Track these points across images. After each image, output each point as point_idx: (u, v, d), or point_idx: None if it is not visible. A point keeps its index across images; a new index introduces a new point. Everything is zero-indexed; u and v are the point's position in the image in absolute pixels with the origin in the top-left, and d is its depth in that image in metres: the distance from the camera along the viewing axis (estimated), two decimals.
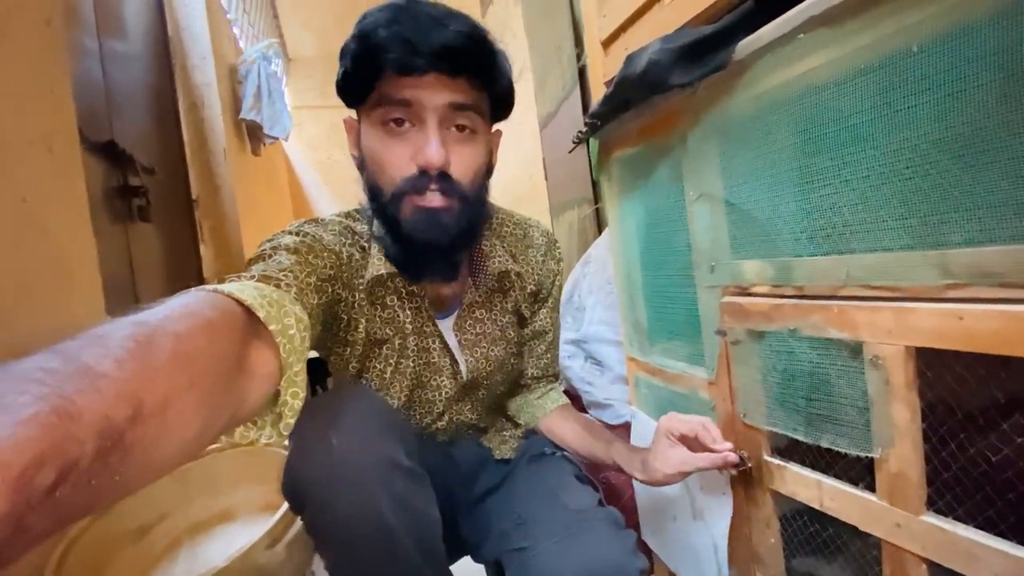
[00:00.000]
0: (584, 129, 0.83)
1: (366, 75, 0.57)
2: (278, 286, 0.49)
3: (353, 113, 0.67)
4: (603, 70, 0.82)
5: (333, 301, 0.61)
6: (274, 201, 3.62)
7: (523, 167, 2.90)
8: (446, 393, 0.73)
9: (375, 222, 0.67)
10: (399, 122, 0.58)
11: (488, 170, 0.67)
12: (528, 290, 0.77)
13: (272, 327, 0.43)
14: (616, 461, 0.70)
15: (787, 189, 0.54)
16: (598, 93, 0.83)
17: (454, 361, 0.72)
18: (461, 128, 0.60)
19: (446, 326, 0.72)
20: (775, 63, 0.52)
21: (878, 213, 0.46)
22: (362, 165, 0.64)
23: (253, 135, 2.73)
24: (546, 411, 0.82)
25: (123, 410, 0.26)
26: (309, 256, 0.57)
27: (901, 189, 0.44)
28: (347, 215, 0.71)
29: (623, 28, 0.76)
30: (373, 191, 0.62)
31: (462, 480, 0.77)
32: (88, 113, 1.40)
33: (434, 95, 0.57)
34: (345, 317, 0.65)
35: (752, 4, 0.53)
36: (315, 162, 4.95)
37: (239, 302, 0.41)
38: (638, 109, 0.72)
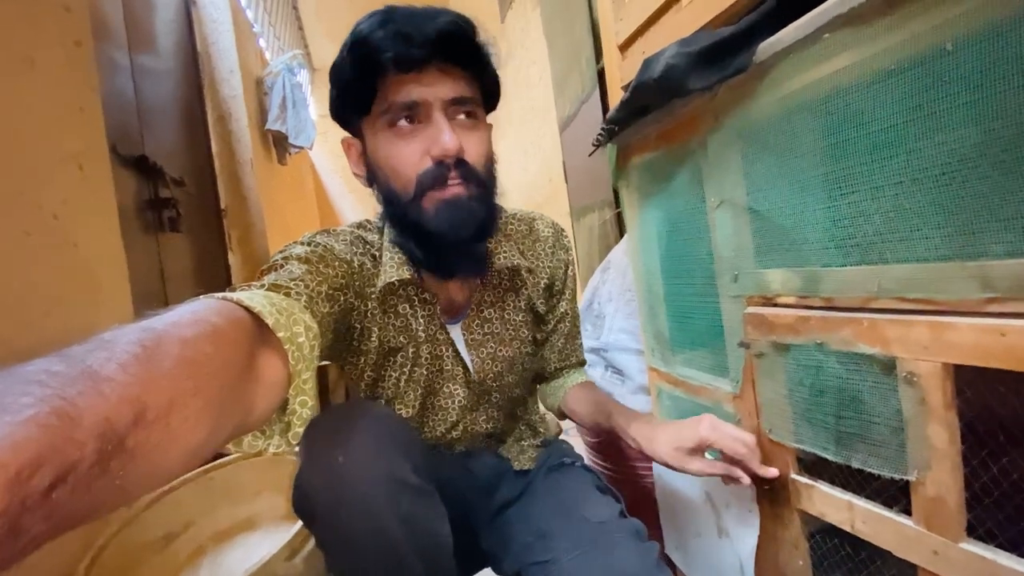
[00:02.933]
0: (602, 134, 0.82)
1: (367, 80, 0.57)
2: (288, 294, 0.49)
3: (346, 135, 0.67)
4: (620, 74, 0.80)
5: (346, 310, 0.61)
6: (300, 208, 3.69)
7: (543, 170, 2.89)
8: (459, 402, 0.72)
9: (388, 230, 0.67)
10: (408, 120, 0.58)
11: (494, 159, 0.67)
12: (541, 285, 0.76)
13: (281, 334, 0.42)
14: (616, 429, 0.70)
15: (814, 196, 0.51)
16: (616, 98, 0.82)
17: (466, 368, 0.71)
18: (467, 115, 0.60)
19: (456, 330, 0.71)
20: (799, 65, 0.49)
21: (912, 221, 0.43)
22: (371, 178, 0.64)
23: (279, 145, 2.79)
24: (566, 389, 0.82)
25: (125, 414, 0.26)
26: (320, 265, 0.57)
27: (937, 196, 0.41)
28: (359, 225, 0.71)
29: (640, 31, 0.74)
30: (389, 198, 0.62)
31: (480, 492, 0.77)
32: (120, 129, 1.45)
33: (437, 90, 0.57)
34: (358, 326, 0.65)
35: (773, 4, 0.51)
36: (340, 169, 5.04)
37: (248, 309, 0.41)
38: (656, 113, 0.70)
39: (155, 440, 0.28)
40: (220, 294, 0.42)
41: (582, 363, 0.86)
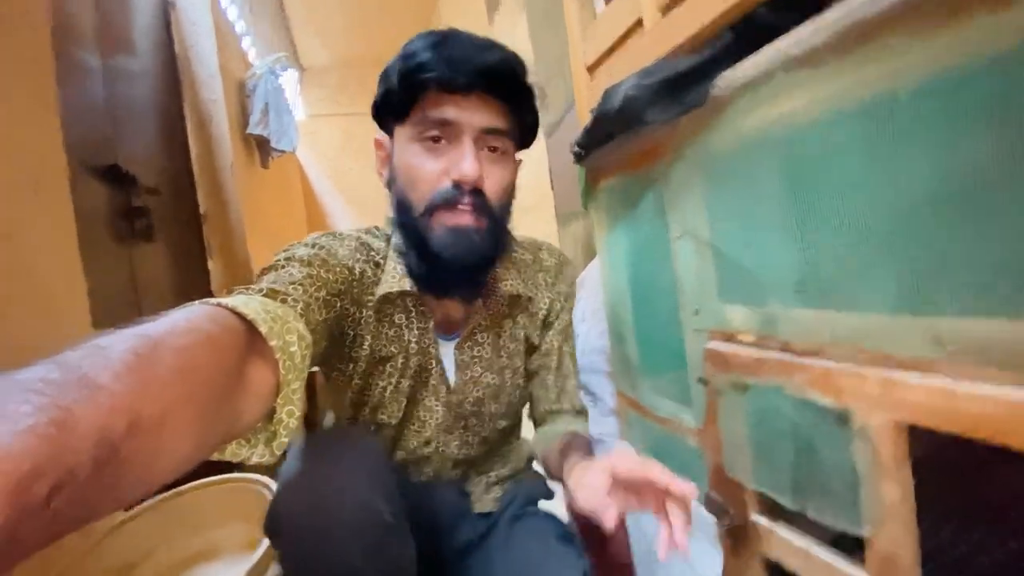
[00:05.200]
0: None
1: (409, 92, 0.58)
2: (284, 301, 0.49)
3: (381, 134, 0.67)
4: (589, 95, 0.79)
5: (341, 316, 0.61)
6: (285, 211, 3.64)
7: (530, 175, 2.87)
8: (436, 418, 0.71)
9: (394, 239, 0.67)
10: (436, 139, 0.59)
11: (513, 194, 0.68)
12: (539, 315, 0.75)
13: (273, 343, 0.42)
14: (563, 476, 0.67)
15: (771, 234, 0.50)
16: (585, 119, 0.80)
17: (449, 388, 0.70)
18: (493, 149, 0.61)
19: (448, 348, 0.70)
20: (754, 102, 0.48)
21: (865, 269, 0.42)
22: (391, 183, 0.64)
23: (262, 148, 2.75)
24: (549, 439, 0.77)
25: (121, 423, 0.26)
26: (321, 270, 0.57)
27: (890, 245, 0.40)
28: (366, 231, 0.71)
29: (607, 54, 0.72)
30: (403, 206, 0.62)
31: (441, 530, 0.75)
32: (90, 138, 1.42)
33: (473, 115, 0.58)
34: (351, 332, 0.65)
35: (731, 38, 0.50)
36: (329, 169, 5.00)
37: (242, 316, 0.40)
38: (621, 139, 0.68)
39: (147, 449, 0.28)
40: (215, 300, 0.41)
41: (578, 411, 0.80)
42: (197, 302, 0.41)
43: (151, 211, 1.67)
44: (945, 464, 0.41)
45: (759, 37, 0.46)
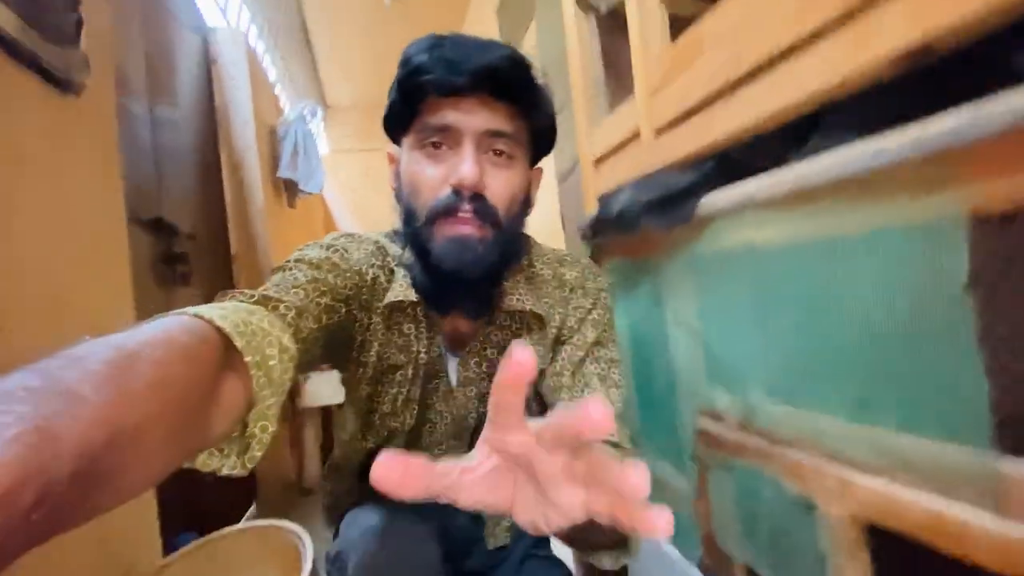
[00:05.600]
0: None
1: (409, 99, 0.58)
2: (276, 308, 0.49)
3: (393, 148, 0.66)
4: (594, 185, 0.87)
5: (347, 321, 0.60)
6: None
7: (544, 212, 2.96)
8: (445, 424, 0.71)
9: (407, 249, 0.65)
10: (437, 145, 0.57)
11: (526, 202, 0.64)
12: (551, 336, 0.68)
13: (248, 358, 0.41)
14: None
15: (747, 335, 0.57)
16: (591, 204, 0.89)
17: (454, 398, 0.70)
18: (498, 153, 0.57)
19: (455, 362, 0.69)
20: (729, 227, 0.56)
21: (821, 378, 0.49)
22: (399, 195, 0.63)
23: (289, 188, 2.90)
24: None
25: (100, 436, 0.26)
26: (329, 274, 0.56)
27: (839, 361, 0.47)
28: (386, 234, 0.70)
29: (610, 153, 0.81)
30: (408, 216, 0.61)
31: (454, 551, 0.76)
32: (138, 190, 1.55)
33: (473, 118, 0.55)
34: (359, 338, 0.64)
35: (712, 165, 0.58)
36: (351, 203, 5.18)
37: (219, 329, 0.40)
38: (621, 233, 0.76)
39: (124, 462, 0.28)
40: (193, 309, 0.41)
41: (614, 445, 0.61)
42: (173, 313, 0.40)
43: (189, 256, 1.79)
44: (897, 552, 0.47)
45: (736, 168, 0.55)
